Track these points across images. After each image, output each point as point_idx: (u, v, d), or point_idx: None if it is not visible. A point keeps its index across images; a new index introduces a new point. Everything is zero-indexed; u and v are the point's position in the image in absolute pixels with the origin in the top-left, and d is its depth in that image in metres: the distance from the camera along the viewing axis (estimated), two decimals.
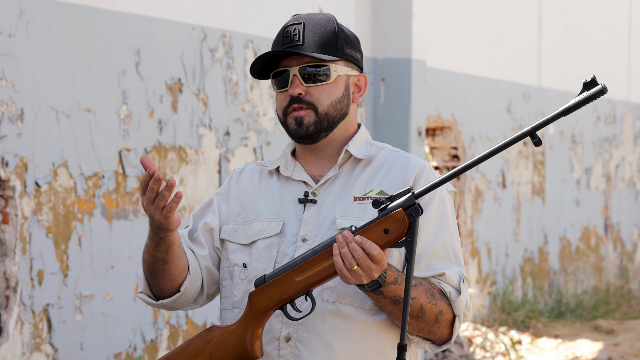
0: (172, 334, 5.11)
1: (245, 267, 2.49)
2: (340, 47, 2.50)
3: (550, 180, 9.36)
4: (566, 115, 2.26)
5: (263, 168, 2.60)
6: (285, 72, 2.48)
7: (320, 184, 2.51)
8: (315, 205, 2.49)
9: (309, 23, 2.50)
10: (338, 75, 2.49)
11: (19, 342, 4.36)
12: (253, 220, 2.53)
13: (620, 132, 10.66)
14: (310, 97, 2.46)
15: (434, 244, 2.45)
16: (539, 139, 2.25)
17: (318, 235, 2.45)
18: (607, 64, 10.28)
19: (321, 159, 2.54)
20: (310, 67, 2.46)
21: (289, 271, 2.33)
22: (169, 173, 5.10)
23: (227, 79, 5.44)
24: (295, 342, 2.42)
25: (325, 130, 2.48)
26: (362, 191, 2.48)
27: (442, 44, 7.75)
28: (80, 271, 4.62)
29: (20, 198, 4.36)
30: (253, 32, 5.61)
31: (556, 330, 8.34)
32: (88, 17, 4.63)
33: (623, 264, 10.72)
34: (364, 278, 2.27)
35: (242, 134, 5.56)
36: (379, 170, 2.51)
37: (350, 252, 2.26)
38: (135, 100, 4.89)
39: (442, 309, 2.41)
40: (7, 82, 4.29)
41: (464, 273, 2.47)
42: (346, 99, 2.51)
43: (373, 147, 2.56)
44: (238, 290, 2.50)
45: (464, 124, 8.04)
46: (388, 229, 2.27)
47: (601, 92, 2.20)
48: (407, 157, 2.53)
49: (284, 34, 2.50)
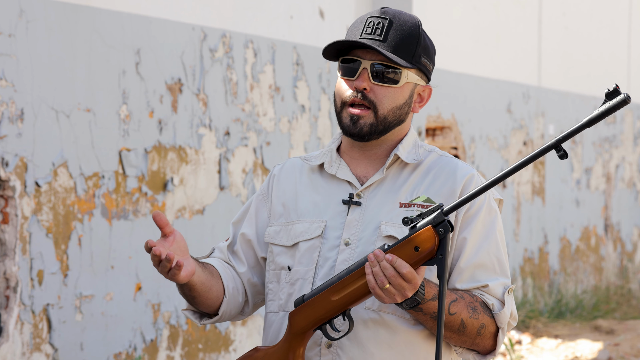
0: (172, 334, 5.11)
1: (290, 270, 2.48)
2: (417, 54, 2.44)
3: (550, 180, 9.36)
4: (590, 126, 2.23)
5: (306, 163, 2.55)
6: (356, 62, 2.42)
7: (365, 186, 2.46)
8: (360, 208, 2.45)
9: (396, 21, 2.43)
10: (407, 82, 2.43)
11: (19, 342, 4.36)
12: (295, 221, 2.50)
13: (621, 132, 10.66)
14: (374, 95, 2.41)
15: (479, 256, 2.42)
16: (564, 152, 2.20)
17: (362, 240, 2.42)
18: (607, 64, 10.28)
19: (368, 158, 2.49)
20: (383, 65, 2.41)
21: (325, 291, 2.32)
22: (169, 173, 5.10)
23: (227, 79, 5.44)
24: (336, 349, 2.40)
25: (379, 133, 2.44)
26: (408, 197, 2.44)
27: (442, 44, 7.75)
28: (80, 271, 4.62)
29: (20, 198, 4.36)
30: (253, 32, 5.61)
31: (556, 330, 8.34)
32: (88, 17, 4.63)
33: (623, 264, 10.72)
34: (397, 297, 2.25)
35: (242, 134, 5.56)
36: (426, 176, 2.47)
37: (381, 270, 2.24)
38: (135, 100, 4.89)
39: (484, 323, 2.39)
40: (7, 82, 4.29)
41: (509, 284, 2.43)
42: (407, 107, 2.46)
43: (421, 149, 2.51)
44: (283, 293, 2.48)
45: (464, 124, 8.04)
46: (418, 247, 2.24)
47: (624, 102, 2.16)
48: (456, 163, 2.49)
49: (366, 23, 2.43)
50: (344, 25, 6.44)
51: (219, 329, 5.41)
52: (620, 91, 2.17)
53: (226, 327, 5.44)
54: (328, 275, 2.42)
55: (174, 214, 5.13)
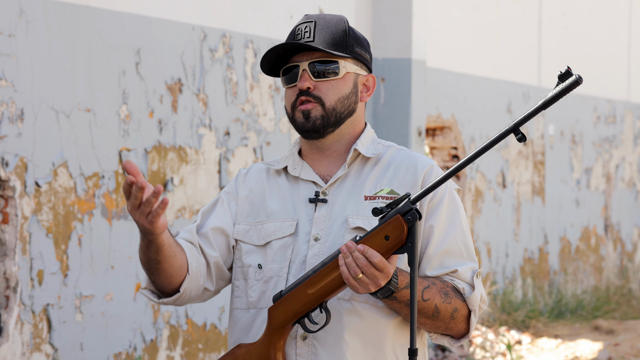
0: (172, 334, 5.11)
1: (261, 268, 2.53)
2: (350, 45, 2.52)
3: (550, 180, 9.36)
4: (545, 108, 2.28)
5: (270, 167, 2.61)
6: (295, 68, 2.51)
7: (330, 183, 2.53)
8: (326, 205, 2.52)
9: (320, 21, 2.52)
10: (347, 72, 2.51)
11: (19, 342, 4.36)
12: (265, 220, 2.55)
13: (620, 132, 10.66)
14: (318, 91, 2.49)
15: (446, 242, 2.49)
16: (522, 135, 2.28)
17: (330, 234, 2.49)
18: (607, 64, 10.28)
19: (328, 157, 2.56)
20: (320, 63, 2.49)
21: (302, 285, 2.38)
22: (169, 173, 5.10)
23: (227, 79, 5.44)
24: (312, 341, 2.47)
25: (332, 125, 2.50)
26: (372, 190, 2.51)
27: (442, 44, 7.75)
28: (80, 271, 4.62)
29: (20, 198, 4.36)
30: (253, 32, 5.61)
31: (556, 330, 8.34)
32: (88, 17, 4.63)
33: (623, 264, 10.72)
34: (371, 286, 2.32)
35: (242, 134, 5.56)
36: (387, 169, 2.54)
37: (354, 261, 2.31)
38: (135, 100, 4.89)
39: (457, 306, 2.46)
40: (7, 82, 4.29)
41: (477, 268, 2.51)
42: (354, 97, 2.53)
43: (380, 145, 2.58)
44: (254, 291, 2.53)
45: (464, 124, 8.04)
46: (388, 236, 2.31)
47: (576, 83, 2.22)
48: (415, 156, 2.56)
49: (294, 32, 2.53)
50: None
51: (219, 329, 5.41)
52: (572, 72, 2.23)
53: (226, 327, 5.45)
54: (300, 271, 2.48)
55: (174, 214, 5.13)
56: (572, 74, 2.22)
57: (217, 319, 5.39)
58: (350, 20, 6.48)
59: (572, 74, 2.23)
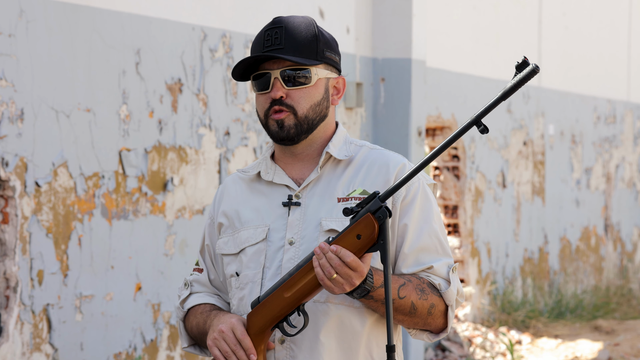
0: (172, 334, 5.11)
1: (238, 276, 2.55)
2: (320, 50, 2.53)
3: (550, 180, 9.36)
4: (505, 99, 2.29)
5: (244, 175, 2.63)
6: (266, 75, 2.52)
7: (302, 186, 2.55)
8: (300, 208, 2.53)
9: (290, 27, 2.54)
10: (318, 79, 2.52)
11: (19, 342, 4.36)
12: (240, 229, 2.57)
13: (620, 132, 10.67)
14: (290, 100, 2.50)
15: (421, 240, 2.51)
16: (484, 127, 2.32)
17: (305, 238, 2.50)
18: (607, 64, 10.28)
19: (301, 160, 2.58)
20: (291, 70, 2.50)
21: (278, 289, 2.40)
22: (169, 173, 5.11)
23: (227, 79, 5.44)
24: (289, 344, 2.48)
25: (305, 132, 2.52)
26: (345, 192, 2.53)
27: (442, 44, 7.75)
28: (80, 271, 4.62)
29: (20, 198, 4.36)
30: (253, 32, 5.61)
31: (556, 330, 8.34)
32: (88, 17, 4.63)
33: (623, 264, 10.72)
34: (346, 285, 2.33)
35: (242, 134, 5.56)
36: (360, 170, 2.55)
37: (328, 262, 2.33)
38: (135, 100, 4.89)
39: (433, 302, 2.47)
40: (7, 82, 4.29)
41: (452, 263, 2.53)
42: (325, 102, 2.55)
43: (352, 145, 2.60)
44: (234, 298, 2.57)
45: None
46: (360, 235, 2.32)
47: (533, 72, 2.23)
48: (387, 155, 2.57)
49: (264, 37, 2.53)
50: (344, 25, 6.45)
51: None
52: (529, 62, 2.23)
53: None
54: (276, 276, 2.50)
55: (174, 214, 5.14)
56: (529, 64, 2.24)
57: None
58: (350, 20, 6.48)
59: (528, 64, 2.24)
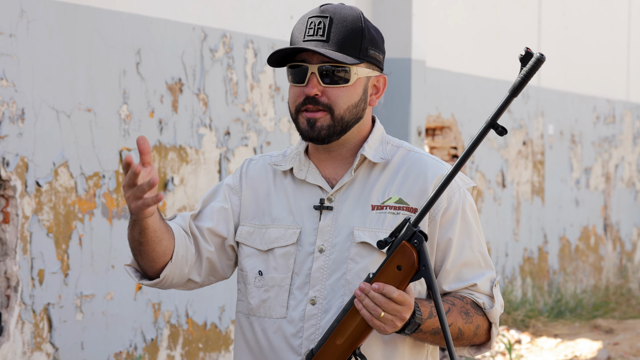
0: (172, 334, 5.12)
1: (261, 275, 2.43)
2: (364, 48, 2.37)
3: (550, 180, 9.37)
4: (515, 95, 2.18)
5: (275, 166, 2.49)
6: (302, 67, 2.36)
7: (336, 189, 2.42)
8: (332, 213, 2.41)
9: (336, 18, 2.36)
10: (358, 78, 2.38)
11: (19, 342, 4.37)
12: (269, 225, 2.45)
13: (620, 132, 10.67)
14: (327, 98, 2.35)
15: (463, 254, 2.40)
16: (502, 128, 2.18)
17: (336, 246, 2.39)
18: (606, 64, 10.29)
19: (334, 159, 2.44)
20: (331, 66, 2.35)
21: (329, 338, 2.29)
22: (169, 173, 5.11)
23: (227, 79, 5.45)
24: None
25: (337, 134, 2.38)
26: (380, 199, 2.40)
27: (442, 44, 7.76)
28: (80, 271, 4.62)
29: (21, 198, 4.37)
30: (253, 32, 5.62)
31: (556, 330, 8.35)
32: (88, 17, 4.64)
33: (622, 264, 10.73)
34: (397, 321, 2.24)
35: (243, 134, 5.57)
36: (396, 175, 2.42)
37: (371, 301, 2.22)
38: (136, 100, 4.90)
39: (479, 324, 2.39)
40: (7, 82, 4.29)
41: (494, 277, 2.43)
42: (363, 103, 2.40)
43: (389, 145, 2.46)
44: (253, 298, 2.44)
45: (464, 124, 8.05)
46: (400, 265, 2.23)
47: (539, 61, 2.12)
48: (425, 161, 2.44)
49: (307, 24, 2.37)
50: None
51: (219, 329, 5.42)
52: (532, 52, 2.15)
53: (226, 327, 5.46)
54: (305, 284, 2.40)
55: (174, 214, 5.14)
56: (533, 54, 2.14)
57: (217, 318, 5.39)
58: None
59: (532, 54, 2.14)
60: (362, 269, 2.37)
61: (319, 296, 2.39)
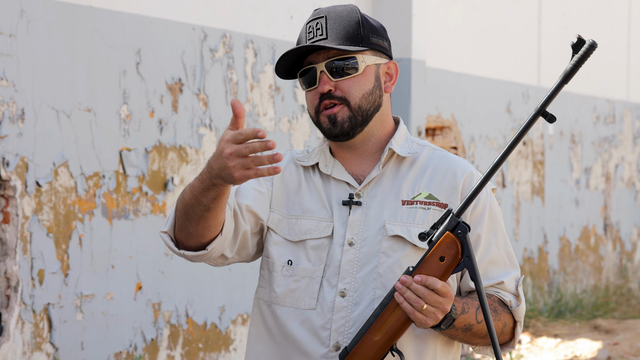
0: (172, 334, 5.12)
1: (291, 265, 2.42)
2: (365, 36, 2.39)
3: (550, 180, 9.37)
4: (567, 82, 2.20)
5: (299, 162, 2.49)
6: (311, 70, 2.39)
7: (364, 184, 2.43)
8: (361, 208, 2.41)
9: (331, 16, 2.40)
10: (367, 66, 2.39)
11: (19, 342, 4.37)
12: (300, 216, 2.44)
13: (620, 132, 10.67)
14: (340, 91, 2.37)
15: (490, 252, 2.42)
16: (551, 115, 2.21)
17: (366, 240, 2.39)
18: (606, 64, 10.29)
19: (360, 156, 2.45)
20: (337, 60, 2.37)
21: (366, 334, 2.28)
22: (169, 173, 5.11)
23: (227, 79, 5.45)
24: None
25: (360, 124, 2.39)
26: (410, 194, 2.41)
27: (442, 44, 7.76)
28: (80, 271, 4.62)
29: (21, 198, 4.37)
30: (253, 32, 5.62)
31: (556, 330, 8.35)
32: (88, 17, 4.64)
33: (622, 264, 10.73)
34: (438, 313, 2.24)
35: None
36: (424, 171, 2.44)
37: (414, 293, 2.22)
38: (136, 100, 4.90)
39: (506, 321, 2.40)
40: (7, 82, 4.29)
41: (519, 275, 2.45)
42: (378, 90, 2.42)
43: (414, 144, 2.48)
44: (279, 287, 2.43)
45: (464, 124, 8.05)
46: (443, 256, 2.23)
47: (592, 47, 2.13)
48: (453, 159, 2.47)
49: (306, 30, 2.41)
50: None
51: (219, 329, 5.42)
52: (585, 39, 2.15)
53: (226, 327, 5.46)
54: (333, 276, 2.39)
55: None
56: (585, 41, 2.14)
57: (217, 318, 5.40)
58: None
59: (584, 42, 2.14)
60: (394, 263, 2.38)
61: (348, 289, 2.39)
